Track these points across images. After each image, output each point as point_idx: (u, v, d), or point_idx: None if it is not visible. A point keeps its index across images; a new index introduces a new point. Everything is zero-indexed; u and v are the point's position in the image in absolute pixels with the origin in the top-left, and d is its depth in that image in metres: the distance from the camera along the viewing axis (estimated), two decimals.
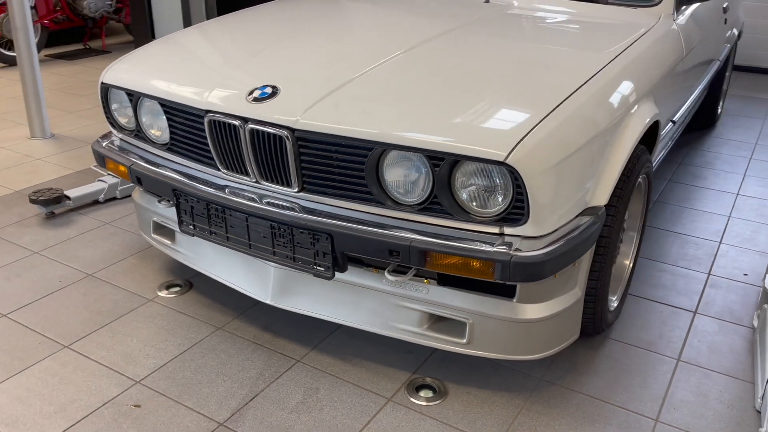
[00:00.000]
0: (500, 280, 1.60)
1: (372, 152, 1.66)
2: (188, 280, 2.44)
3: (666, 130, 2.46)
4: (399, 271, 1.82)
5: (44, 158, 3.62)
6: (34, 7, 5.64)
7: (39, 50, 5.87)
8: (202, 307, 2.29)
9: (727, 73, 4.31)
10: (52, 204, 2.90)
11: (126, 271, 2.50)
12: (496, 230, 1.63)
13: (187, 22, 4.84)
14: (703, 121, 4.22)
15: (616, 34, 2.20)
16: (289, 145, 1.73)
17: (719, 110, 4.36)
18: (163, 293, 2.37)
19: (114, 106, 2.19)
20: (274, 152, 1.77)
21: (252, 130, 1.77)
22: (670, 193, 3.33)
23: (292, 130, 1.72)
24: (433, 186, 1.63)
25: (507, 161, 1.53)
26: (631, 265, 2.31)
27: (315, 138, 1.70)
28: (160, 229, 2.35)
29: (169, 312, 2.26)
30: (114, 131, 2.26)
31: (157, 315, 2.25)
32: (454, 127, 1.62)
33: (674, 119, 2.56)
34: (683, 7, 2.54)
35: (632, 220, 2.29)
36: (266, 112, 1.75)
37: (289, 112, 1.73)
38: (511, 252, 1.57)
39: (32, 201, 2.87)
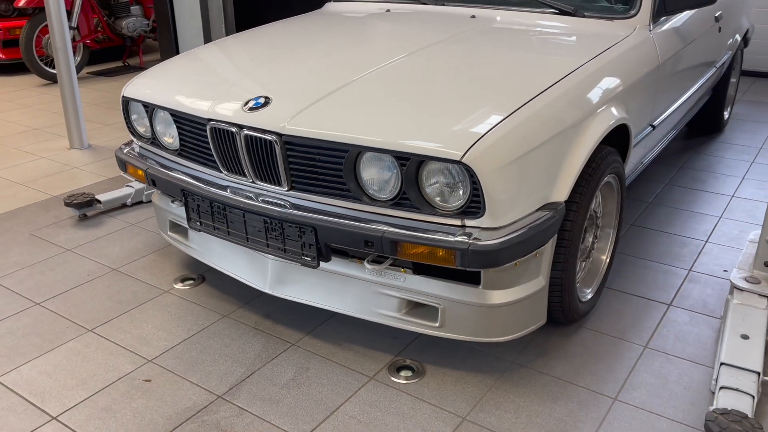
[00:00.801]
0: (461, 267, 1.79)
1: (348, 154, 1.87)
2: (201, 275, 2.69)
3: (644, 134, 2.60)
4: (378, 261, 2.03)
5: (81, 167, 3.94)
6: (76, 28, 6.05)
7: (81, 68, 6.29)
8: (212, 298, 2.53)
9: (733, 79, 4.39)
10: (85, 207, 3.20)
11: (146, 267, 2.77)
12: (458, 222, 1.82)
13: (207, 38, 5.16)
14: (709, 126, 4.31)
15: (589, 44, 2.37)
16: (277, 148, 1.96)
17: (726, 115, 4.44)
18: (179, 285, 2.62)
19: (134, 117, 2.46)
20: (266, 155, 2.00)
21: (246, 136, 2.01)
22: (667, 194, 3.45)
23: (280, 135, 1.94)
24: (402, 183, 1.84)
25: (463, 160, 1.72)
26: (608, 260, 2.46)
27: (300, 142, 1.93)
28: (176, 227, 2.60)
29: (182, 302, 2.51)
30: (134, 139, 2.53)
31: (171, 304, 2.50)
32: (419, 129, 1.83)
33: (654, 123, 2.70)
34: (662, 19, 2.69)
35: (607, 218, 2.45)
36: (258, 119, 1.98)
37: (277, 120, 1.96)
38: (469, 241, 1.76)
39: (67, 204, 3.17)
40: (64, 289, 2.61)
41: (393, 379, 2.08)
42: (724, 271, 2.69)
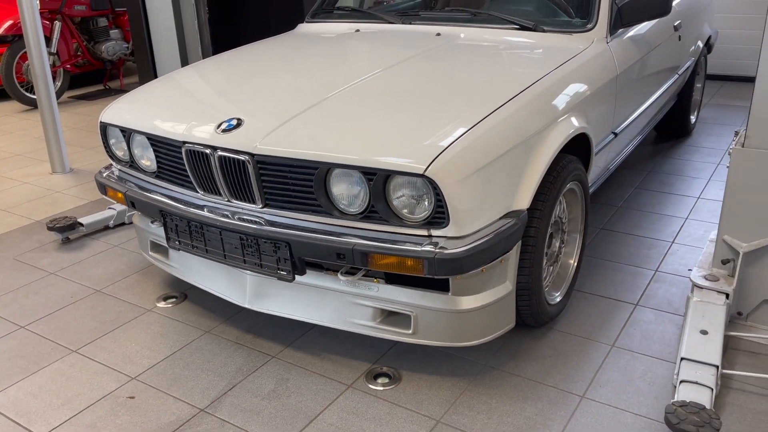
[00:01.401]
0: (429, 275, 1.87)
1: (318, 171, 1.96)
2: (184, 293, 2.75)
3: (606, 142, 2.71)
4: (351, 272, 2.11)
5: (63, 191, 4.00)
6: (56, 53, 6.12)
7: (62, 93, 6.35)
8: (194, 315, 2.60)
9: (699, 84, 4.53)
10: (67, 230, 3.25)
11: (129, 287, 2.83)
12: (425, 233, 1.91)
13: (184, 60, 5.25)
14: (676, 130, 4.45)
15: (549, 58, 2.48)
16: (250, 168, 2.04)
17: (693, 119, 4.58)
18: (161, 304, 2.68)
19: (112, 141, 2.53)
20: (240, 175, 2.08)
21: (220, 157, 2.09)
22: (635, 198, 3.56)
23: (252, 155, 2.03)
24: (370, 197, 1.92)
25: (426, 173, 1.81)
26: (576, 264, 2.55)
27: (271, 161, 2.01)
28: (156, 247, 2.67)
29: (165, 320, 2.57)
30: (113, 163, 2.60)
31: (154, 322, 2.56)
32: (384, 145, 1.92)
33: (616, 131, 2.81)
34: (619, 31, 2.80)
35: (573, 223, 2.54)
36: (231, 141, 2.07)
37: (249, 140, 2.04)
38: (435, 250, 1.85)
39: (49, 228, 3.23)
40: (48, 312, 2.66)
41: (370, 386, 2.15)
42: (689, 270, 2.79)
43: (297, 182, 2.01)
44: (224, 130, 2.11)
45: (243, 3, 5.85)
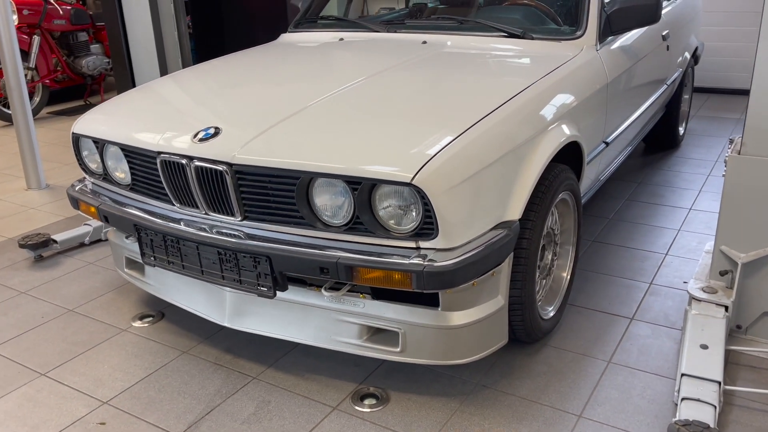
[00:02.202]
0: (417, 289, 1.77)
1: (300, 181, 1.86)
2: (161, 311, 2.63)
3: (597, 151, 2.64)
4: (335, 288, 2.00)
5: (38, 207, 3.86)
6: (35, 68, 6.00)
7: (41, 108, 6.21)
8: (171, 334, 2.47)
9: (686, 96, 4.50)
10: (40, 248, 3.12)
11: (104, 306, 2.70)
12: (412, 244, 1.81)
13: (164, 73, 5.15)
14: (665, 142, 4.40)
15: (538, 65, 2.41)
16: (228, 178, 1.93)
17: (682, 131, 4.54)
18: (137, 323, 2.55)
19: (84, 153, 2.42)
20: (217, 186, 1.98)
21: (197, 167, 1.98)
22: (626, 210, 3.49)
23: (230, 165, 1.92)
24: (355, 208, 1.82)
25: (413, 182, 1.72)
26: (569, 277, 2.46)
27: (250, 171, 1.91)
28: (132, 264, 2.55)
29: (140, 340, 2.45)
30: (86, 176, 2.49)
31: (128, 343, 2.43)
32: (369, 154, 1.82)
33: (607, 140, 2.74)
34: (609, 39, 2.74)
35: (566, 235, 2.46)
36: (208, 150, 1.96)
37: (227, 150, 1.94)
38: (424, 263, 1.75)
39: (21, 246, 3.09)
40: (17, 333, 2.53)
41: (357, 408, 2.04)
42: (684, 282, 2.72)
43: (278, 193, 1.91)
44: (201, 140, 2.01)
45: (226, 15, 5.77)
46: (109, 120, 2.34)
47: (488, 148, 1.89)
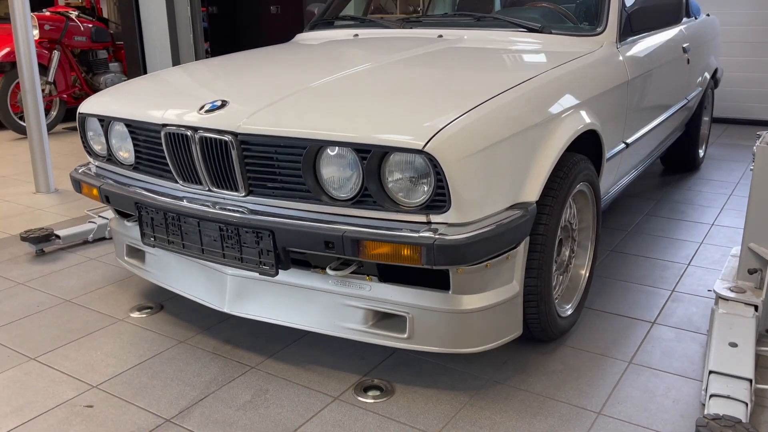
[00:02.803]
0: (427, 264, 1.67)
1: (307, 151, 1.78)
2: (160, 303, 2.53)
3: (617, 149, 2.55)
4: (341, 269, 1.90)
5: (45, 208, 3.81)
6: (53, 83, 6.04)
7: (57, 123, 6.24)
8: (169, 325, 2.37)
9: (706, 118, 4.42)
10: (42, 242, 3.05)
11: (102, 297, 2.61)
12: (423, 219, 1.71)
13: None
14: (685, 163, 4.30)
15: (556, 55, 2.34)
16: (233, 150, 1.86)
17: (702, 154, 4.44)
18: (135, 314, 2.45)
19: (89, 134, 2.37)
20: (222, 158, 1.90)
21: (201, 138, 1.91)
22: (646, 224, 3.37)
23: (235, 134, 1.85)
24: (363, 179, 1.74)
25: (425, 149, 1.63)
26: (587, 275, 2.34)
27: (256, 141, 1.84)
28: (132, 252, 2.47)
29: (137, 329, 2.34)
30: (90, 159, 2.43)
31: (124, 332, 2.33)
32: (380, 123, 1.75)
33: (627, 141, 2.65)
34: (629, 39, 2.68)
35: (584, 232, 2.35)
36: (213, 121, 1.90)
37: (233, 120, 1.87)
38: (435, 236, 1.65)
39: (23, 239, 3.02)
40: (9, 321, 2.43)
41: (359, 398, 1.91)
42: (708, 291, 2.58)
43: (284, 164, 1.83)
44: (207, 111, 1.94)
45: (244, 40, 5.82)
46: (116, 99, 2.29)
47: (503, 122, 1.81)
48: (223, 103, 1.96)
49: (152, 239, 2.12)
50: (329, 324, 1.97)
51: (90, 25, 6.45)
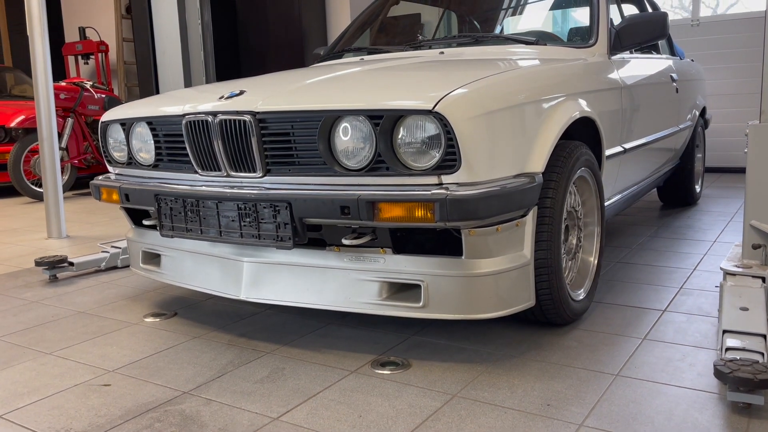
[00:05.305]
0: (440, 220, 1.73)
1: (323, 123, 1.88)
2: (174, 311, 2.55)
3: (615, 151, 2.65)
4: (356, 239, 1.96)
5: (56, 250, 3.87)
6: (65, 149, 6.24)
7: (68, 187, 6.37)
8: (183, 325, 2.38)
9: (699, 155, 4.56)
10: (56, 267, 3.09)
11: (116, 308, 2.63)
12: (435, 180, 1.79)
13: None
14: (683, 198, 4.40)
15: (553, 60, 2.49)
16: (252, 128, 1.96)
17: (698, 189, 4.55)
18: (149, 319, 2.47)
19: (110, 142, 2.48)
20: (240, 139, 2.00)
21: (221, 121, 2.02)
22: (650, 243, 3.43)
23: (254, 114, 1.96)
24: (377, 146, 1.83)
25: (435, 110, 1.73)
26: (596, 261, 2.39)
27: (273, 118, 1.94)
28: (148, 258, 2.52)
29: (152, 330, 2.36)
30: (110, 168, 2.53)
31: (139, 332, 2.34)
32: (391, 92, 1.86)
33: (625, 146, 2.76)
34: (619, 55, 2.85)
35: (590, 222, 2.41)
36: (232, 105, 2.01)
37: (251, 102, 1.99)
38: (447, 192, 1.72)
39: (37, 264, 3.07)
40: (25, 327, 2.45)
41: (376, 371, 1.92)
42: (716, 286, 2.61)
43: (299, 139, 1.93)
44: (226, 98, 2.06)
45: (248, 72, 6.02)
46: (137, 105, 2.42)
47: (506, 93, 1.93)
48: (242, 92, 2.08)
49: (170, 230, 2.18)
50: (345, 300, 2.00)
51: (103, 95, 6.73)
